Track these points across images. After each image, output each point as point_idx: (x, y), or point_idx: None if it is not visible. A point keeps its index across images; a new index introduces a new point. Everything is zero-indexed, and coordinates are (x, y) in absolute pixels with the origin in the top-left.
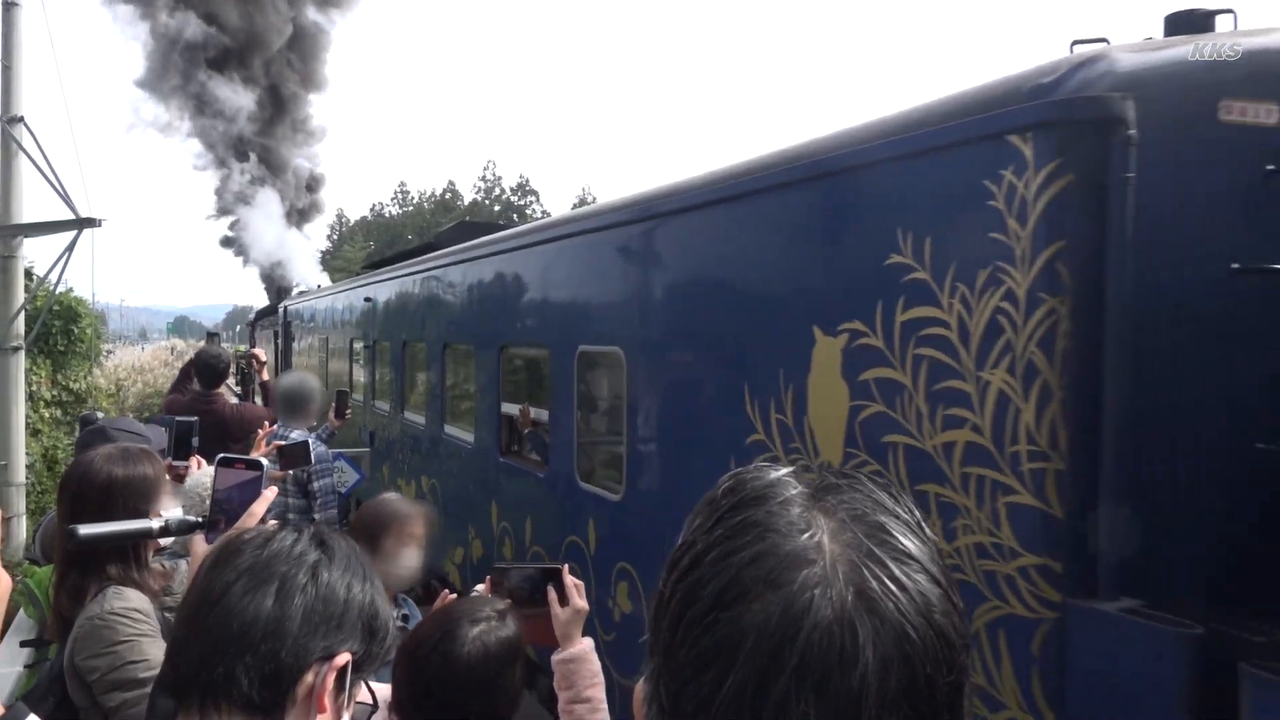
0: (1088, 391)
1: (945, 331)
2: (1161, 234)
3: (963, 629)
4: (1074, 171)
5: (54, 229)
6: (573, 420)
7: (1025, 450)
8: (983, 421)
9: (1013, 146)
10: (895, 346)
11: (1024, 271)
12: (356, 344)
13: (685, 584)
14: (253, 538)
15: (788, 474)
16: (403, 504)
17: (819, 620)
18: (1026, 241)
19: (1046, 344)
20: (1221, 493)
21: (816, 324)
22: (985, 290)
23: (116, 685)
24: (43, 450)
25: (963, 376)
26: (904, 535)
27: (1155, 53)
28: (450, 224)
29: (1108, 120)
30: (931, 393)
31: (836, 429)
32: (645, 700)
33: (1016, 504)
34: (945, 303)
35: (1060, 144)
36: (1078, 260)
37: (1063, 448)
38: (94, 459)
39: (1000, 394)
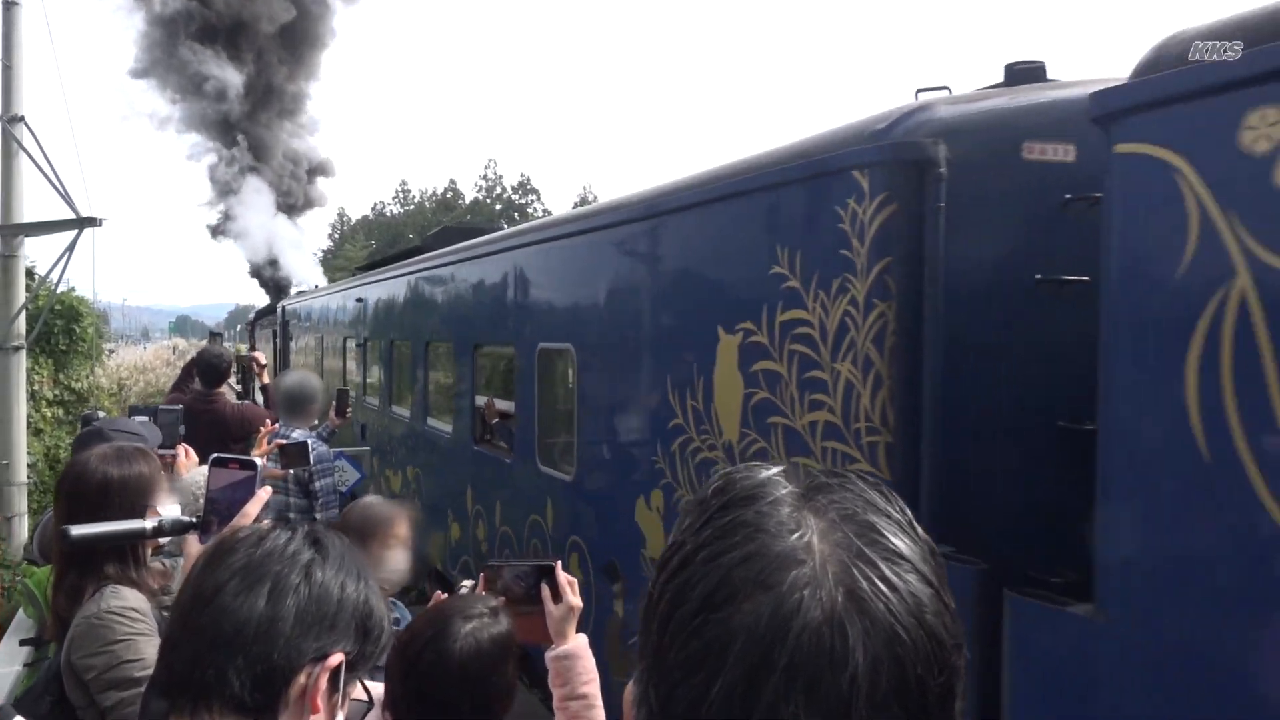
0: (911, 379)
1: (810, 330)
2: (974, 250)
3: (954, 629)
4: (898, 202)
5: (55, 228)
6: (534, 411)
7: (864, 427)
8: (835, 404)
9: (855, 180)
10: (776, 343)
11: (863, 281)
12: (350, 342)
13: (674, 585)
14: (246, 536)
15: (778, 473)
16: (385, 507)
17: (809, 621)
18: (864, 257)
19: (879, 341)
20: (1026, 461)
21: (720, 324)
22: (837, 296)
23: (113, 684)
24: (44, 450)
25: (822, 367)
26: (895, 535)
27: (968, 104)
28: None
29: (924, 161)
30: (801, 381)
31: (735, 413)
32: (635, 702)
33: (858, 471)
34: (810, 306)
35: (888, 179)
36: (902, 273)
37: (891, 425)
38: (89, 459)
39: (847, 382)
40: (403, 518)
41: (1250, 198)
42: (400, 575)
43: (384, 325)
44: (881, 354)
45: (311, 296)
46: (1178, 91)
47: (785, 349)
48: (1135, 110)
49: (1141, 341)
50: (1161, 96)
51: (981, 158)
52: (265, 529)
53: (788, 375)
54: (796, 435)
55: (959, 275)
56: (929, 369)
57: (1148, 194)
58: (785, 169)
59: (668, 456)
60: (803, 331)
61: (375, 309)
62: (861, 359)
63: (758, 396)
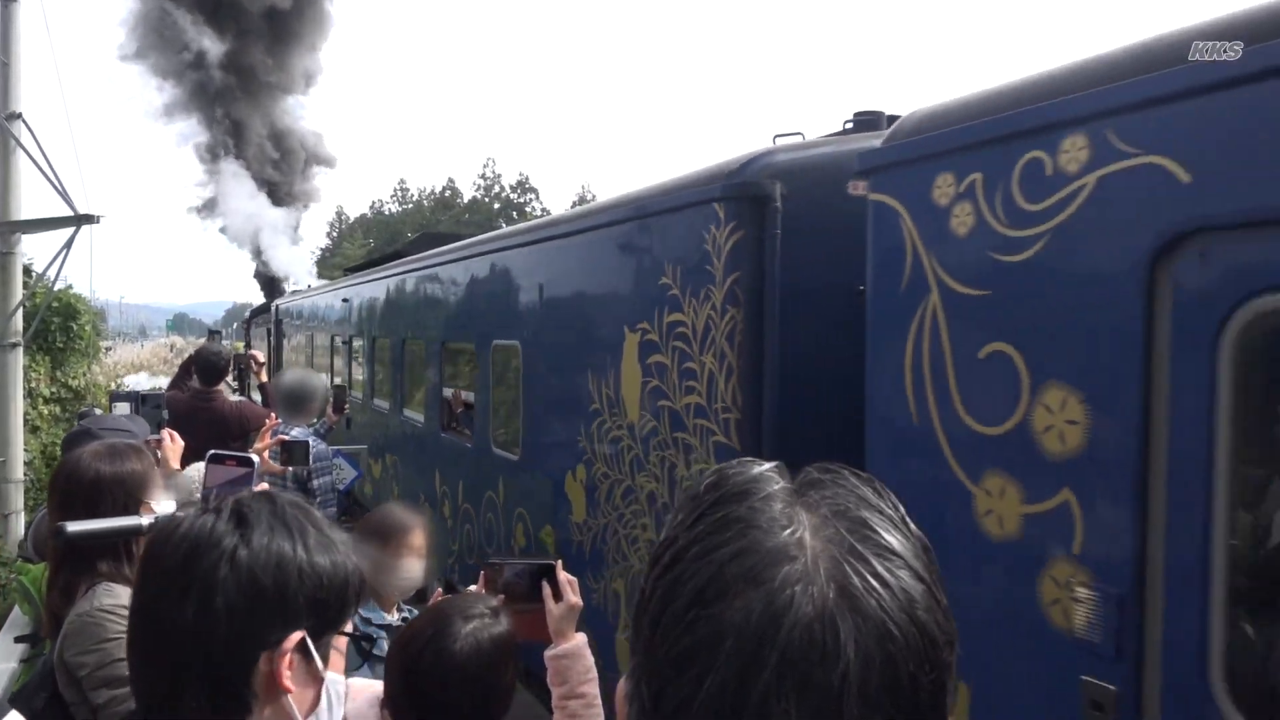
0: (755, 369)
1: (686, 330)
2: (807, 268)
3: (946, 626)
4: (744, 229)
5: (52, 225)
6: (489, 399)
7: (721, 407)
8: (702, 389)
9: (715, 210)
10: (663, 340)
11: (720, 291)
12: (338, 340)
13: (666, 581)
14: (172, 533)
15: (770, 469)
16: (401, 515)
17: (800, 618)
18: (721, 271)
19: (731, 338)
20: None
21: (625, 325)
22: (703, 302)
23: (105, 682)
24: (41, 447)
25: (693, 359)
26: (887, 531)
27: (803, 150)
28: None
29: (763, 197)
30: (680, 370)
31: (635, 398)
32: (626, 698)
33: (718, 442)
34: (686, 310)
35: (736, 211)
36: (747, 285)
37: (740, 405)
38: (81, 456)
39: (710, 371)
40: (419, 527)
41: (938, 237)
42: (413, 583)
43: (367, 324)
44: (733, 349)
45: (303, 296)
46: (899, 159)
47: (669, 345)
48: (879, 169)
49: (882, 337)
50: (893, 161)
51: (811, 193)
52: (190, 518)
53: (671, 366)
54: (677, 415)
55: (793, 287)
56: (768, 361)
57: (887, 231)
58: (669, 199)
59: (589, 437)
60: (681, 330)
61: (359, 309)
62: (719, 353)
63: (651, 384)
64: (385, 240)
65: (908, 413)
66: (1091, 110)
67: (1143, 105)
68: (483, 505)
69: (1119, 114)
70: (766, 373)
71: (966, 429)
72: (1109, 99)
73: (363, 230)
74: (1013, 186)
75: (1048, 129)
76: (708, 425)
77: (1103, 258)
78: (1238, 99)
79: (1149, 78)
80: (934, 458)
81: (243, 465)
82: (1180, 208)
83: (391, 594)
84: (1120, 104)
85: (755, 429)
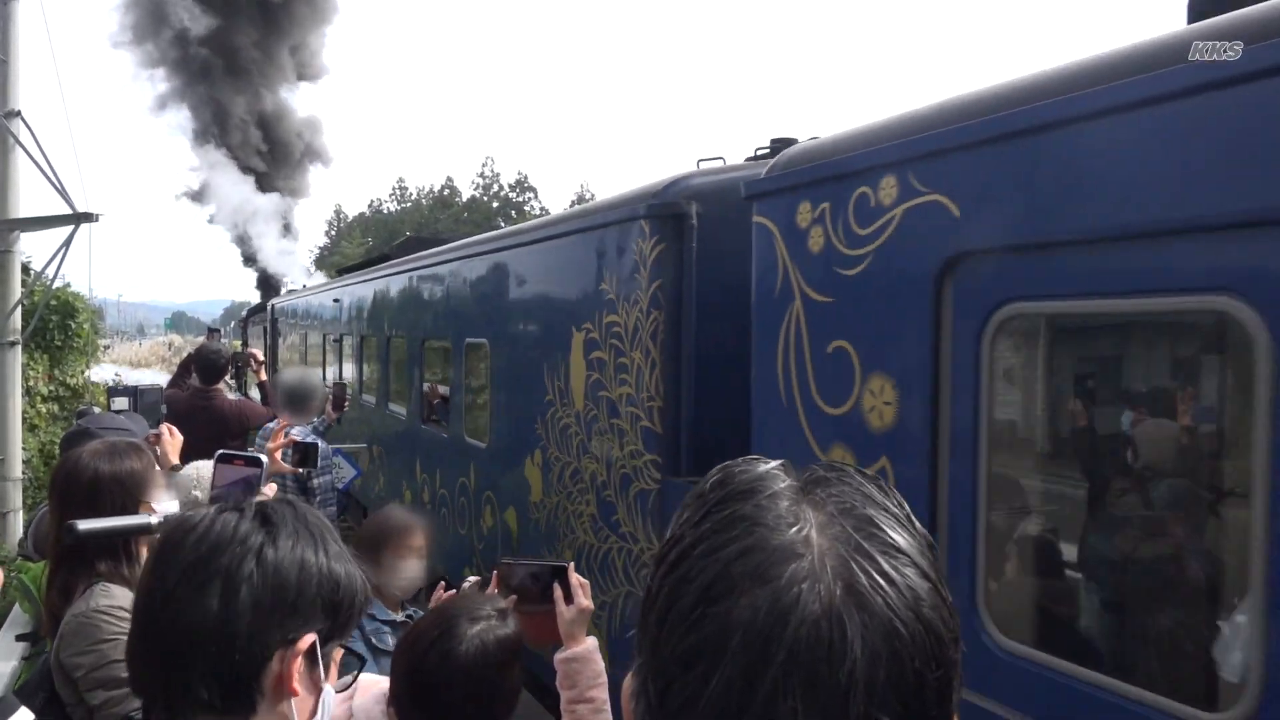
0: (674, 364)
1: (620, 329)
2: (720, 275)
3: (952, 624)
4: (665, 242)
5: (51, 224)
6: (462, 393)
7: (646, 396)
8: (633, 381)
9: (642, 225)
10: (602, 338)
11: (646, 296)
12: (329, 338)
13: (672, 578)
14: (192, 528)
15: (776, 467)
16: (402, 516)
17: (807, 615)
18: (646, 279)
19: (654, 336)
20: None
21: (573, 325)
22: (633, 306)
23: (100, 684)
24: (39, 445)
25: (626, 355)
26: (893, 529)
27: (716, 175)
28: (401, 239)
29: (681, 215)
30: (615, 365)
31: (581, 390)
32: (633, 695)
33: (644, 427)
34: (620, 312)
35: (658, 227)
36: (668, 291)
37: (662, 394)
38: (81, 455)
39: (638, 366)
40: (419, 528)
41: (799, 254)
42: (412, 583)
43: (355, 323)
44: (656, 346)
45: (297, 296)
46: (774, 188)
47: (608, 343)
48: (760, 196)
49: (761, 335)
50: (769, 189)
51: (723, 212)
52: (211, 515)
53: (608, 361)
54: (613, 404)
55: (706, 292)
56: (685, 356)
57: (764, 248)
58: (608, 214)
59: (544, 424)
60: (616, 330)
61: (348, 309)
62: (645, 350)
63: (593, 377)
64: (384, 239)
65: (779, 397)
66: (898, 157)
67: (930, 155)
68: (456, 490)
69: (916, 160)
70: (684, 366)
71: (819, 410)
72: (909, 149)
73: (361, 229)
74: (849, 214)
75: (871, 170)
76: (637, 412)
77: (906, 272)
78: (985, 153)
79: (935, 133)
80: (797, 433)
81: (251, 465)
82: (955, 236)
83: (394, 594)
84: (916, 153)
85: (675, 415)
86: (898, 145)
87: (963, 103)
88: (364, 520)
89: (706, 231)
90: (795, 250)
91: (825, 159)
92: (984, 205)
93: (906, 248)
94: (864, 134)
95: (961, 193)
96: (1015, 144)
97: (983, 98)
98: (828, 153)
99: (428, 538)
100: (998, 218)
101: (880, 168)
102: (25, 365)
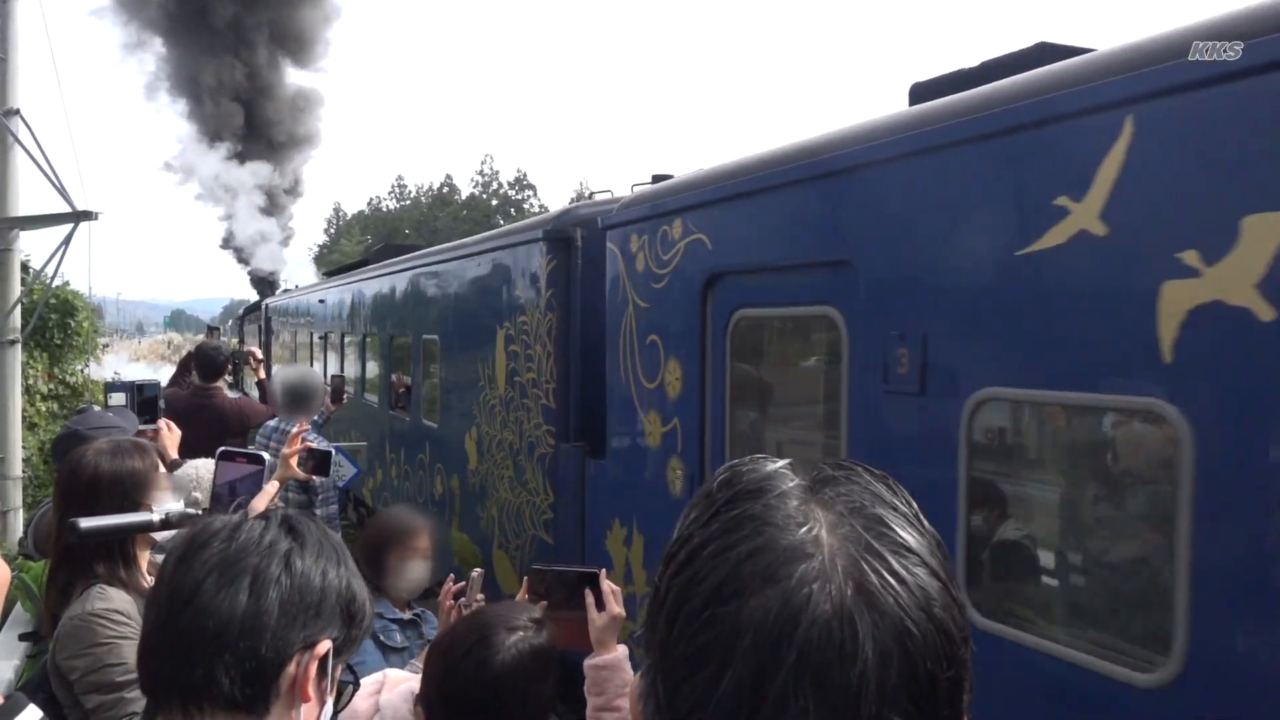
0: (565, 355)
1: (528, 327)
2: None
3: (962, 623)
4: (557, 260)
5: (50, 222)
6: (420, 382)
7: (545, 380)
8: (536, 368)
9: (542, 245)
10: (516, 334)
11: (544, 301)
12: (315, 335)
13: (681, 579)
14: (219, 530)
15: (784, 466)
16: (406, 519)
17: (817, 615)
18: (544, 287)
19: (549, 333)
20: None
21: (497, 324)
22: (535, 309)
23: (95, 687)
24: (39, 444)
25: (532, 347)
26: (903, 528)
27: (599, 207)
28: (380, 245)
29: (568, 239)
30: (525, 355)
31: (503, 377)
32: (641, 696)
33: (544, 405)
34: (528, 314)
35: (551, 248)
36: (559, 298)
37: (556, 378)
38: (85, 453)
39: (539, 356)
40: (423, 530)
41: (632, 272)
42: (416, 585)
43: (337, 322)
44: (551, 341)
45: (289, 296)
46: (618, 221)
47: (520, 338)
48: (611, 227)
49: (612, 332)
50: (615, 223)
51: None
52: (237, 520)
53: (520, 353)
54: (524, 387)
55: (588, 300)
56: (572, 349)
57: (613, 266)
58: (520, 235)
59: (479, 406)
60: (525, 327)
61: (331, 309)
62: (544, 344)
63: (511, 366)
64: (383, 237)
65: (620, 378)
66: (679, 206)
67: (696, 206)
68: (416, 465)
69: (689, 210)
70: (571, 357)
71: (642, 385)
72: (685, 201)
73: (360, 227)
74: (658, 244)
75: (668, 214)
76: (539, 393)
77: (687, 286)
78: (726, 206)
79: (696, 192)
80: (630, 404)
81: (253, 463)
82: (711, 262)
83: (401, 596)
84: (688, 204)
85: (565, 394)
86: (680, 198)
87: (716, 171)
88: (366, 521)
89: (588, 253)
90: (629, 269)
91: (645, 204)
92: (726, 242)
93: (687, 269)
94: (669, 187)
95: (714, 233)
96: (737, 202)
97: (725, 168)
98: (648, 199)
99: (432, 539)
100: (733, 251)
101: (672, 213)
102: (25, 364)
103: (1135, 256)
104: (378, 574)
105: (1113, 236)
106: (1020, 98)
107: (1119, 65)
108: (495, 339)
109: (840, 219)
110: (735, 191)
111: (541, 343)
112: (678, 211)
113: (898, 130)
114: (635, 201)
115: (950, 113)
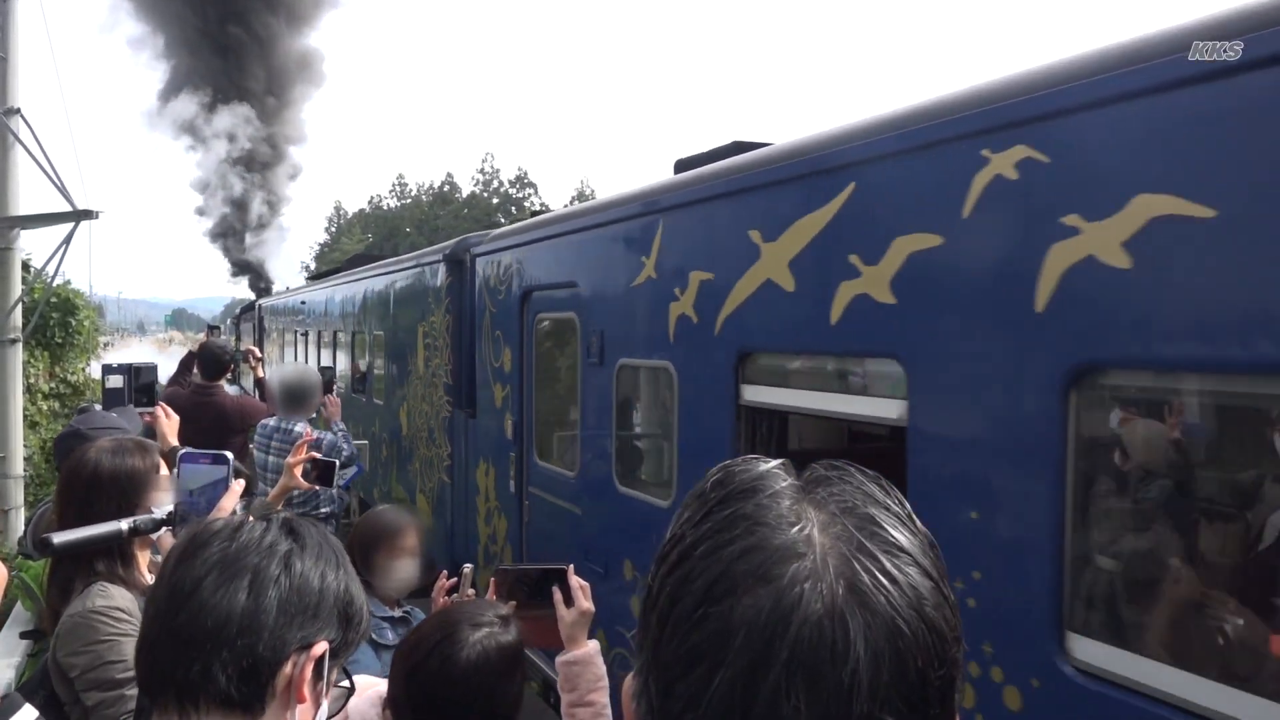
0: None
1: (436, 327)
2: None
3: (954, 622)
4: (452, 277)
5: (51, 221)
6: (371, 369)
7: (446, 364)
8: (440, 357)
9: (443, 265)
10: (428, 331)
11: (444, 307)
12: (298, 332)
13: (674, 578)
14: (220, 529)
15: (776, 466)
16: (394, 517)
17: (809, 615)
18: (445, 297)
19: (448, 330)
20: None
21: (418, 323)
22: (440, 313)
23: (95, 685)
24: (40, 443)
25: (438, 340)
26: (894, 528)
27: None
28: (358, 252)
29: (460, 260)
30: (434, 348)
31: (422, 363)
32: (634, 696)
33: (445, 383)
34: (437, 316)
35: (449, 268)
36: (454, 305)
37: (452, 369)
38: (87, 451)
39: (442, 347)
40: (411, 529)
41: (487, 287)
42: (406, 584)
43: (315, 321)
44: (448, 335)
45: (279, 298)
46: (484, 250)
47: (430, 334)
48: (478, 255)
49: (480, 329)
50: (481, 251)
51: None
52: (238, 521)
53: (432, 345)
54: (434, 370)
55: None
56: (464, 350)
57: (481, 282)
58: (427, 257)
59: (408, 386)
60: (434, 326)
61: (309, 310)
62: (445, 340)
63: (426, 354)
64: (383, 235)
65: (481, 361)
66: (508, 244)
67: (518, 245)
68: (370, 436)
69: (517, 246)
70: (463, 351)
71: (493, 366)
72: (513, 239)
73: (361, 225)
74: (499, 269)
75: (506, 249)
76: (442, 374)
77: (514, 296)
78: (537, 246)
79: (519, 235)
80: (487, 380)
81: (217, 462)
82: (528, 281)
83: (390, 595)
84: (517, 243)
85: (459, 374)
86: (510, 239)
87: (527, 223)
88: (355, 521)
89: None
90: (486, 285)
91: (495, 240)
92: (535, 268)
93: (514, 287)
94: (510, 230)
95: (528, 263)
96: (535, 245)
97: (532, 221)
98: (498, 237)
99: (419, 537)
100: (536, 276)
101: (508, 248)
102: (26, 363)
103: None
104: (367, 573)
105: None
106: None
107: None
108: (417, 334)
109: (574, 258)
110: (533, 238)
111: (443, 337)
112: (508, 248)
113: (596, 211)
114: (493, 238)
115: (631, 198)
